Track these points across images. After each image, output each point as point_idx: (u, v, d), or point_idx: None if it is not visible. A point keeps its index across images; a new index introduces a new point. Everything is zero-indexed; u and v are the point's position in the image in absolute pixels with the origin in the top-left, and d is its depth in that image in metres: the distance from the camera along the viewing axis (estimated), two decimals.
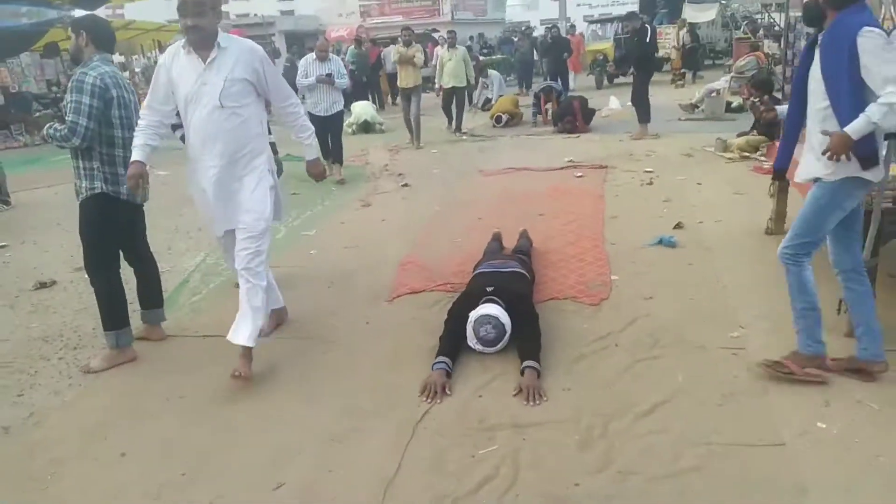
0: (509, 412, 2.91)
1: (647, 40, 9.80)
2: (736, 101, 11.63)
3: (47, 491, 2.60)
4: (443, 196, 7.08)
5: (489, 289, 3.59)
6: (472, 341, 3.43)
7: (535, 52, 19.31)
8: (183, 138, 3.53)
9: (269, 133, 3.73)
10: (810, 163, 2.92)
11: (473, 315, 3.42)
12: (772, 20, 17.00)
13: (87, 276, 3.71)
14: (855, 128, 2.63)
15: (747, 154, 7.80)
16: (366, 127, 12.52)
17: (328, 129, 7.98)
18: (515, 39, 21.82)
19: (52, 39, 13.99)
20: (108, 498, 2.55)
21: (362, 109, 12.85)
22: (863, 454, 2.46)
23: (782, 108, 3.52)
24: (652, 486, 2.40)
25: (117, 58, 19.63)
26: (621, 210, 6.01)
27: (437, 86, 11.68)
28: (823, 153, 2.72)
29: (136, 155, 3.24)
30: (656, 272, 4.44)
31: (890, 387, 2.87)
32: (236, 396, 3.18)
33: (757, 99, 8.57)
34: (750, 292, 3.98)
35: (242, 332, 3.25)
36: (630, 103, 10.34)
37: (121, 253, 3.72)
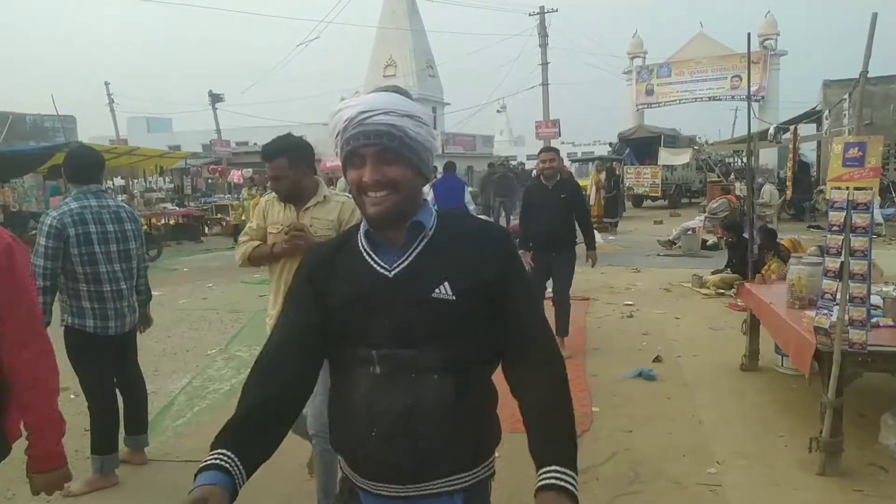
0: None
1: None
2: (711, 238, 12.23)
3: None
4: None
5: None
6: None
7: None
8: None
9: None
10: None
11: None
12: (743, 164, 18.06)
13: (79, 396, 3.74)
14: None
15: (722, 291, 8.14)
16: None
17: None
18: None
19: (57, 163, 14.62)
20: None
21: None
22: None
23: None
24: None
25: (119, 181, 20.41)
26: (602, 342, 6.19)
27: None
28: None
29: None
30: (635, 405, 4.55)
31: None
32: None
33: (732, 239, 9.07)
34: (725, 428, 4.08)
35: None
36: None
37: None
